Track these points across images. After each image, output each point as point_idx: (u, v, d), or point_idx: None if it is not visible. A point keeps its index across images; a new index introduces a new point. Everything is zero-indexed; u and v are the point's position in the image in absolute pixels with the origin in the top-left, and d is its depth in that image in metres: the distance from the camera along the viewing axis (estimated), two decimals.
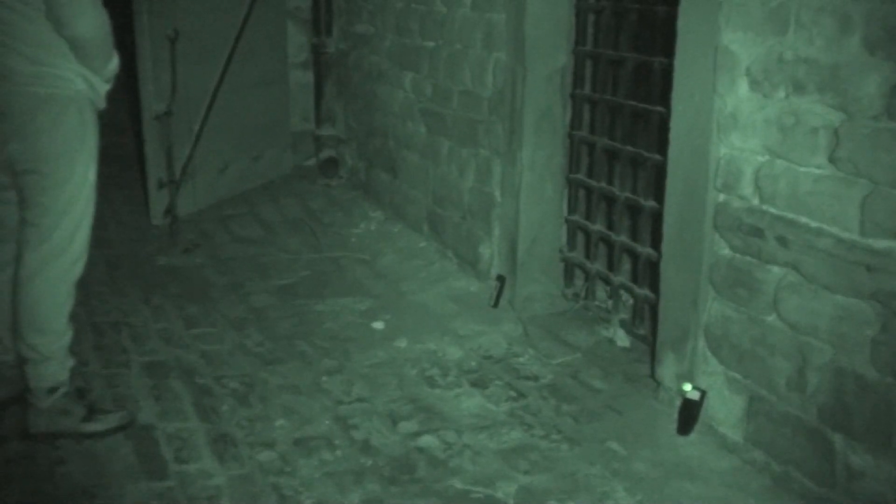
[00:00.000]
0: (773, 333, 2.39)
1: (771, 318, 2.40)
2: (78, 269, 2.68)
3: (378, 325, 3.55)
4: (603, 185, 3.38)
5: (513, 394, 3.00)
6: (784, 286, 2.34)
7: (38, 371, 2.65)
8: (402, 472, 2.56)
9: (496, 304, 3.65)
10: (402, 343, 3.38)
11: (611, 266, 3.40)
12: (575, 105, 3.49)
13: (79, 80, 2.54)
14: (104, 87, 2.64)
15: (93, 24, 2.46)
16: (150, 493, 2.44)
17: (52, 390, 2.68)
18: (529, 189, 3.52)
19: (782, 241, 2.31)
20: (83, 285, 3.64)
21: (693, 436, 2.66)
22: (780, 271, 2.35)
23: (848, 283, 2.15)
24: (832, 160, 2.16)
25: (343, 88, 5.41)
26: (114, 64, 2.62)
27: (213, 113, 4.89)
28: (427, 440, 2.72)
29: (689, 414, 2.65)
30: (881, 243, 2.07)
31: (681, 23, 2.59)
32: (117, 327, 3.51)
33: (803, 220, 2.26)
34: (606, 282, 3.44)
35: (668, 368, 2.78)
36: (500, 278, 3.67)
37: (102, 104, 2.67)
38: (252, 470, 2.56)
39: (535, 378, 3.10)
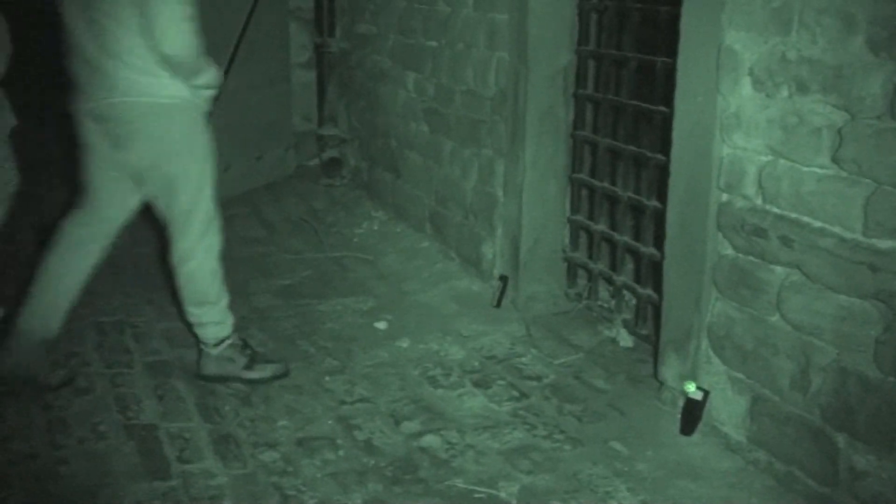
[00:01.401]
0: (776, 333, 2.39)
1: (774, 318, 2.39)
2: (219, 245, 2.98)
3: (380, 325, 3.56)
4: (606, 184, 3.38)
5: (515, 394, 3.00)
6: (787, 286, 2.34)
7: (201, 331, 3.04)
8: (405, 472, 2.56)
9: (499, 304, 3.65)
10: (404, 343, 3.39)
11: (613, 266, 3.40)
12: (578, 105, 3.49)
13: (182, 88, 2.72)
14: (206, 93, 2.84)
15: (180, 45, 2.60)
16: (152, 492, 2.44)
17: (219, 342, 3.04)
18: (532, 189, 3.52)
19: (785, 240, 2.31)
20: (86, 285, 3.67)
21: (696, 436, 2.66)
22: (783, 271, 2.35)
23: (851, 284, 2.14)
24: (835, 160, 2.15)
25: (345, 88, 5.41)
26: (206, 77, 2.77)
27: (215, 113, 4.88)
28: (430, 440, 2.72)
29: (692, 414, 2.65)
30: (885, 243, 2.06)
31: (684, 23, 2.59)
32: (120, 327, 3.51)
33: (806, 219, 2.25)
34: (609, 282, 3.44)
35: (670, 368, 2.78)
36: (503, 278, 3.67)
37: (207, 107, 2.88)
38: (255, 470, 2.56)
39: (538, 378, 3.10)
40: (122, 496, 2.43)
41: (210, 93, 2.86)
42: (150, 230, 4.71)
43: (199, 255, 2.93)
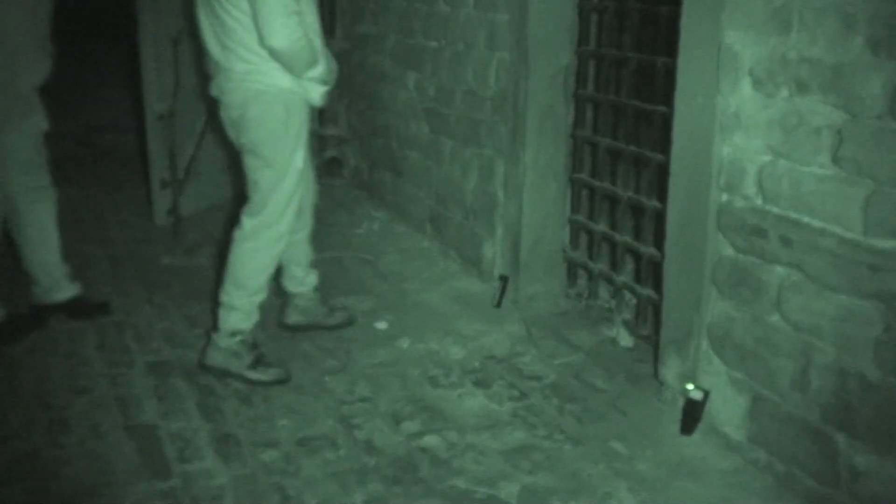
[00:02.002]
0: (776, 333, 2.39)
1: (774, 318, 2.40)
2: (282, 244, 3.10)
3: (381, 325, 3.56)
4: (606, 184, 3.38)
5: (516, 394, 3.00)
6: (787, 286, 2.34)
7: (225, 314, 3.09)
8: (405, 471, 2.56)
9: (499, 304, 3.65)
10: (404, 343, 3.39)
11: (614, 266, 3.40)
12: (578, 105, 3.49)
13: (285, 79, 2.91)
14: (317, 87, 3.01)
15: (285, 40, 2.78)
16: (153, 492, 2.44)
17: (233, 334, 3.09)
18: (532, 189, 3.52)
19: (785, 240, 2.31)
20: (87, 284, 3.68)
21: (696, 436, 2.66)
22: (783, 271, 2.35)
23: (851, 283, 2.14)
24: (835, 160, 2.16)
25: (346, 88, 5.40)
26: (318, 70, 2.96)
27: (216, 113, 4.88)
28: (430, 440, 2.72)
29: (692, 414, 2.65)
30: (884, 243, 2.06)
31: (684, 22, 2.59)
32: (121, 327, 3.51)
33: (806, 219, 2.25)
34: (609, 282, 3.44)
35: (671, 368, 2.78)
36: (503, 278, 3.67)
37: (317, 101, 3.05)
38: (255, 470, 2.56)
39: (538, 378, 3.10)
40: (122, 496, 2.43)
41: (322, 88, 3.02)
42: (150, 230, 4.72)
43: (262, 239, 3.04)
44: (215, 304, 3.15)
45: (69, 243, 3.61)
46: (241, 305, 3.08)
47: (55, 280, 3.52)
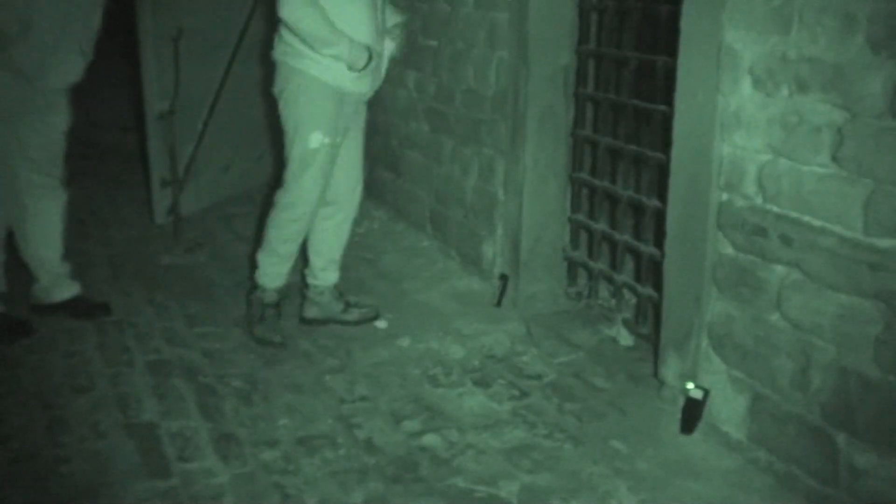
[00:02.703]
0: (776, 332, 2.39)
1: (774, 317, 2.40)
2: (297, 226, 3.32)
3: (381, 323, 3.56)
4: (606, 183, 3.38)
5: (516, 393, 3.00)
6: (787, 285, 2.34)
7: (257, 275, 3.41)
8: (405, 471, 2.56)
9: (499, 303, 3.65)
10: (404, 342, 3.39)
11: (614, 265, 3.40)
12: (578, 104, 3.49)
13: (313, 65, 3.12)
14: (343, 71, 3.12)
15: (289, 13, 3.02)
16: (153, 491, 2.44)
17: (264, 290, 3.41)
18: (532, 188, 3.52)
19: (785, 239, 2.31)
20: (87, 284, 3.68)
21: (696, 435, 2.66)
22: (783, 270, 2.35)
23: (851, 282, 2.14)
24: (835, 159, 2.16)
25: None
26: (336, 51, 3.07)
27: (217, 112, 4.89)
28: (430, 439, 2.72)
29: (692, 413, 2.65)
30: (884, 242, 2.06)
31: (684, 22, 2.59)
32: (121, 326, 3.51)
33: (806, 218, 2.25)
34: (609, 281, 3.44)
35: (671, 367, 2.78)
36: (503, 277, 3.67)
37: (350, 88, 3.19)
38: (255, 469, 2.57)
39: (538, 377, 3.11)
40: (122, 495, 2.43)
41: (346, 74, 3.13)
42: (150, 229, 4.72)
43: (279, 212, 3.30)
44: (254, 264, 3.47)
45: (69, 242, 3.61)
46: (265, 270, 3.38)
47: (55, 278, 3.52)
